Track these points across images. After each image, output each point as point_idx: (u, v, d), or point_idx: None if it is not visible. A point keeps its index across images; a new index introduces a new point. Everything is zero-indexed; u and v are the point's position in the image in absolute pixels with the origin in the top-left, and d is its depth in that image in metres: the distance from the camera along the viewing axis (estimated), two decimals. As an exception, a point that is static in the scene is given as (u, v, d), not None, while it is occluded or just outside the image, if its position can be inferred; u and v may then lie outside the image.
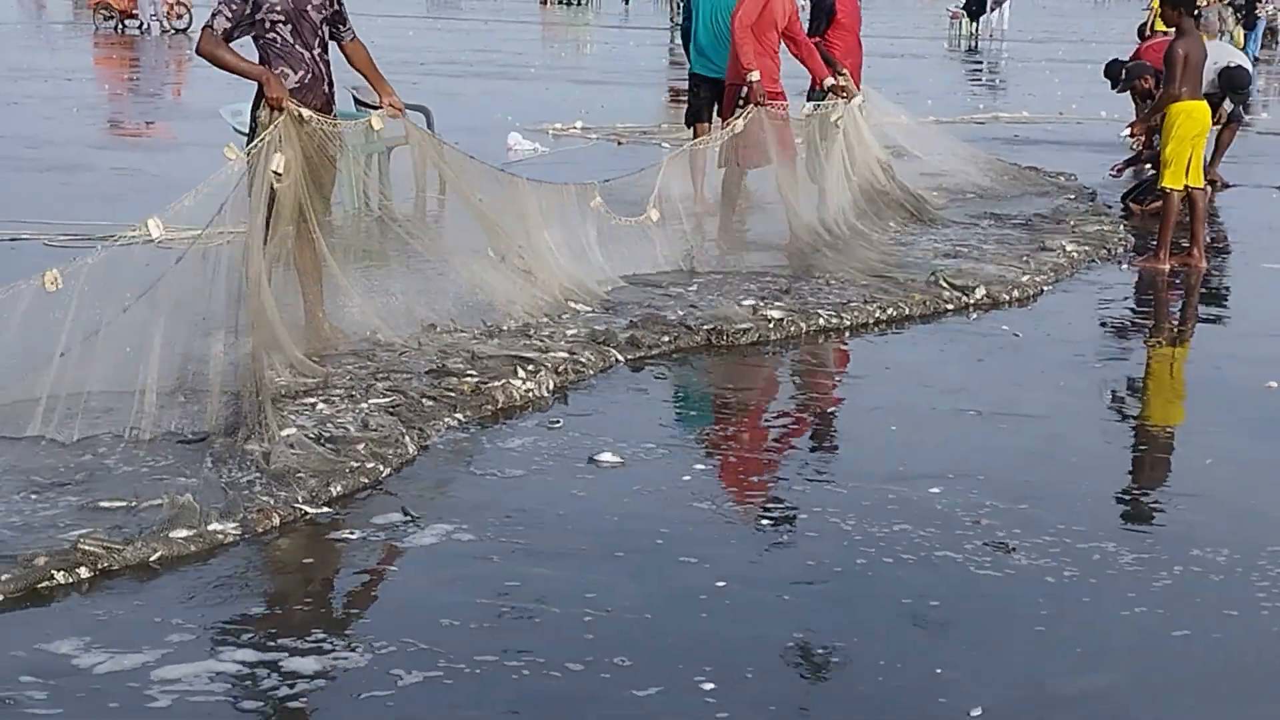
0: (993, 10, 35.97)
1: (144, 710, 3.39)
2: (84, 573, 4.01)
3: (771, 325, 6.94)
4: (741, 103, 8.57)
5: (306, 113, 5.82)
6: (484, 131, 12.85)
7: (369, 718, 3.41)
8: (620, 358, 6.38)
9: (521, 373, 5.91)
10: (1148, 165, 10.25)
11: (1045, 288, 8.12)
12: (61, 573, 3.98)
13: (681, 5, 10.77)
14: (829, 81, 8.78)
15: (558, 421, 5.58)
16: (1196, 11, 9.86)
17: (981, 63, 28.87)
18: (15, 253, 8.19)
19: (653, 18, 47.46)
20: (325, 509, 4.61)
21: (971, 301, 7.66)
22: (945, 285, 7.65)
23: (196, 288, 5.55)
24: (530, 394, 5.80)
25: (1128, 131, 9.86)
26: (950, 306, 7.57)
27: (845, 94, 8.94)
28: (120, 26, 29.46)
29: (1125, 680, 3.69)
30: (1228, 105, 11.45)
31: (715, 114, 9.52)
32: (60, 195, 10.15)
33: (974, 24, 36.06)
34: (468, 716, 3.42)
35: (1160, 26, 23.85)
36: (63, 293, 5.06)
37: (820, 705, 3.51)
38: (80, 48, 26.68)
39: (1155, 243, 8.85)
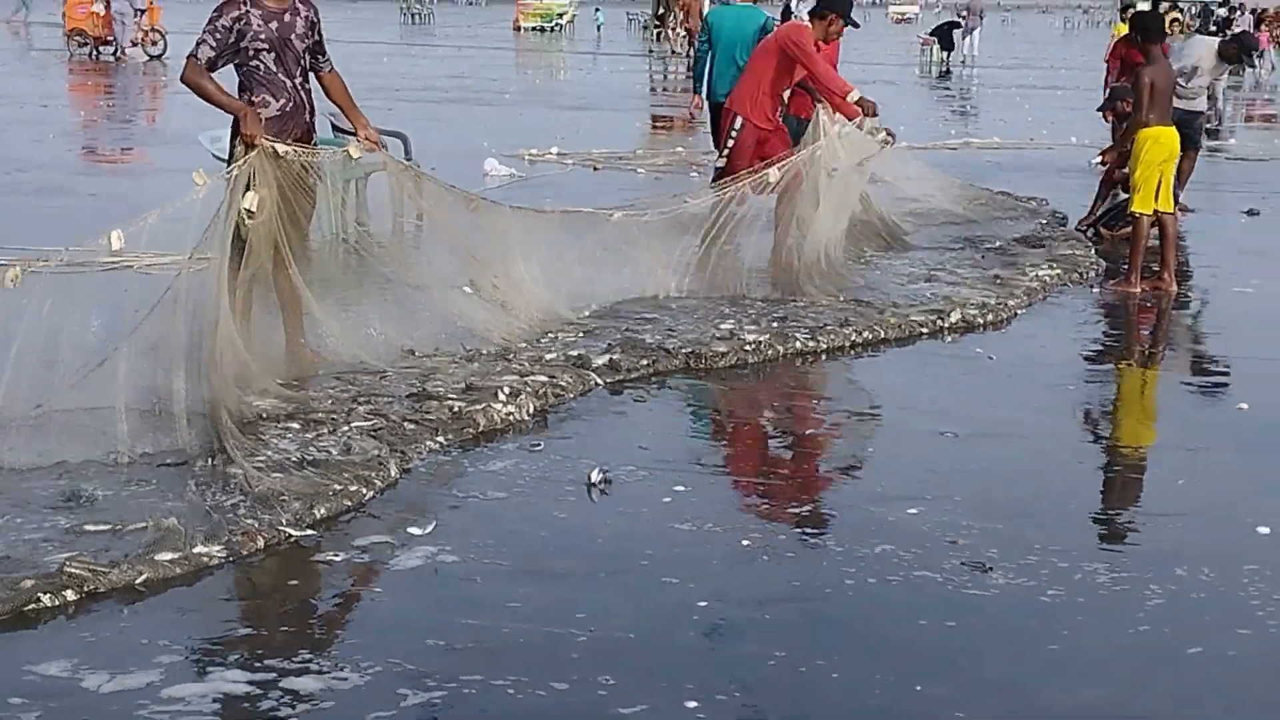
0: (964, 37, 36.23)
1: (136, 731, 3.41)
2: (71, 595, 4.01)
3: (749, 348, 6.98)
4: (735, 133, 8.60)
5: (282, 148, 5.83)
6: (461, 157, 12.88)
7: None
8: (599, 381, 6.40)
9: (502, 396, 5.93)
10: (1119, 189, 10.33)
11: (1018, 311, 8.16)
12: (48, 595, 3.98)
13: (703, 34, 10.88)
14: (855, 93, 8.60)
15: (538, 444, 5.61)
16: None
17: (953, 89, 29.05)
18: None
19: (625, 44, 47.63)
20: (310, 531, 4.61)
21: (946, 325, 7.72)
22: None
23: (167, 318, 5.54)
24: (511, 417, 5.82)
25: (1099, 158, 9.96)
26: (925, 330, 7.63)
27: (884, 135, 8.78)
28: (95, 53, 29.37)
29: (1107, 695, 3.73)
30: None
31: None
32: (38, 220, 10.12)
33: (944, 51, 36.29)
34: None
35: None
36: (23, 301, 5.06)
37: (798, 718, 3.55)
38: (55, 74, 26.60)
39: (1126, 267, 8.93)
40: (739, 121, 8.59)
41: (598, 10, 57.73)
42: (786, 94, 8.98)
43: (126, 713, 3.47)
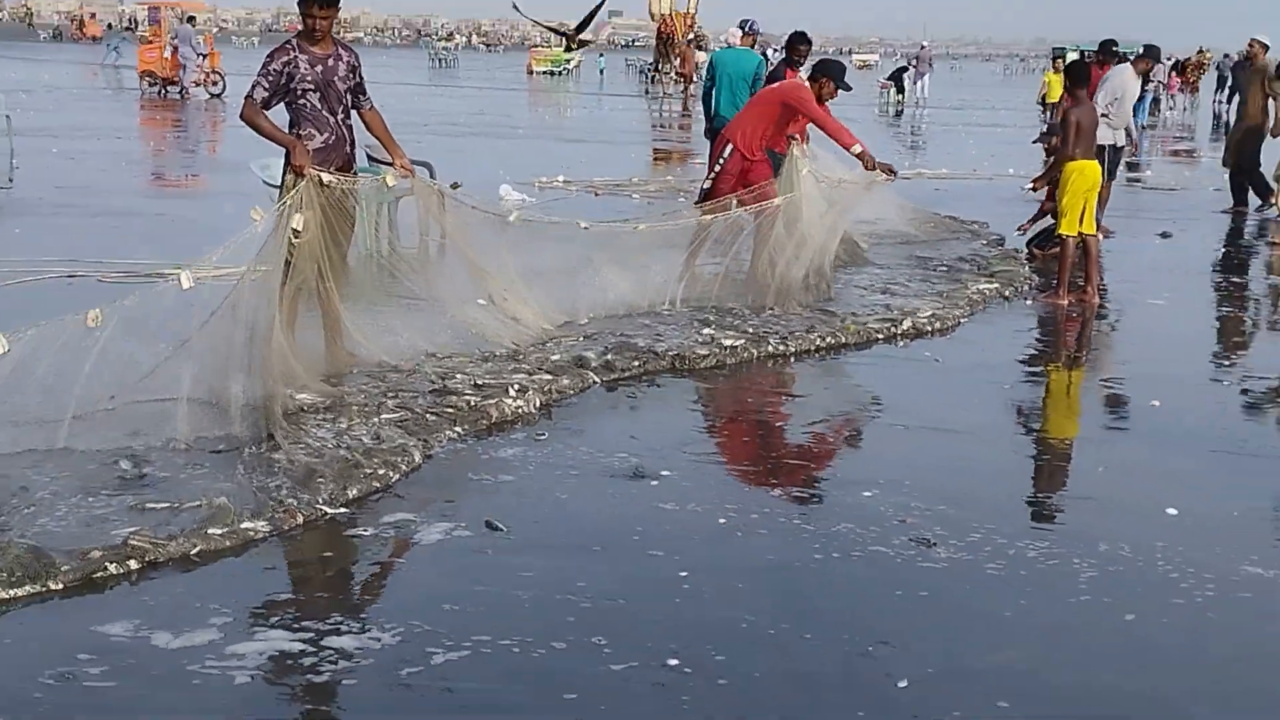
0: (915, 81, 36.30)
1: (189, 684, 3.38)
2: (134, 565, 4.01)
3: (727, 351, 6.97)
4: (723, 159, 8.59)
5: (326, 176, 5.82)
6: (479, 183, 12.84)
7: (412, 688, 3.41)
8: (596, 379, 6.38)
9: (512, 392, 5.91)
10: (1049, 215, 10.32)
11: (962, 320, 8.16)
12: (114, 564, 3.98)
13: (708, 74, 11.10)
14: (858, 149, 8.57)
15: (543, 434, 5.59)
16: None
17: (906, 126, 29.04)
18: (72, 286, 8.16)
19: (624, 85, 47.62)
20: (343, 509, 4.60)
21: (899, 332, 7.71)
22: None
23: (228, 328, 5.51)
24: (520, 410, 5.80)
25: (1030, 185, 9.96)
26: (880, 336, 7.62)
27: (881, 168, 8.64)
28: (163, 91, 29.34)
29: (1032, 655, 3.72)
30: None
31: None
32: (111, 237, 10.10)
33: (900, 93, 36.34)
34: (468, 687, 3.42)
35: (1053, 97, 24.03)
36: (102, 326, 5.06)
37: (770, 677, 3.53)
38: (126, 110, 26.57)
39: (1055, 281, 8.94)
40: (729, 149, 8.60)
41: (601, 56, 57.79)
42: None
43: (184, 666, 3.45)
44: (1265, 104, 13.18)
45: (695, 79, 36.55)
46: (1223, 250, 11.88)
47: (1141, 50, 13.22)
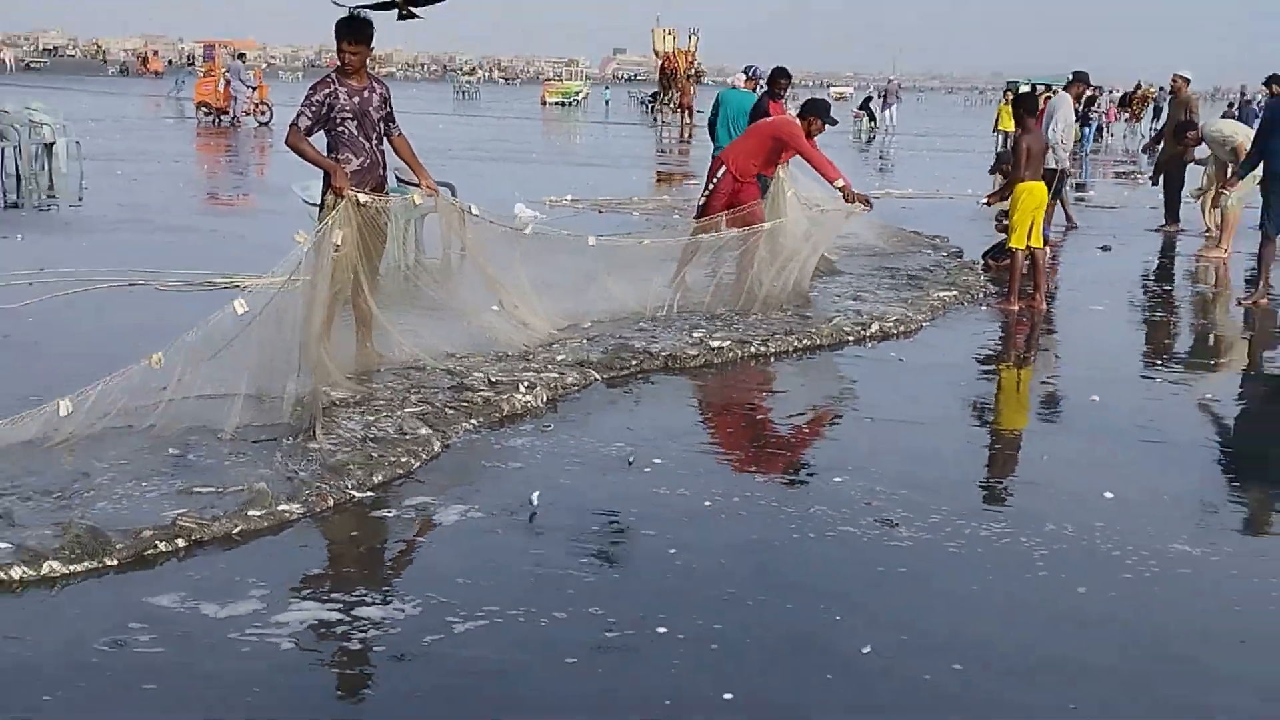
0: (884, 110, 36.28)
1: (231, 649, 3.37)
2: (181, 543, 4.00)
3: (714, 352, 6.94)
4: (716, 179, 8.57)
5: (363, 197, 5.79)
6: (496, 202, 12.79)
7: (433, 655, 3.40)
8: (598, 377, 6.36)
9: (522, 388, 5.89)
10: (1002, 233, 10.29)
11: (924, 324, 8.13)
12: (163, 542, 3.97)
13: (713, 107, 11.33)
14: (840, 182, 8.56)
15: (549, 426, 5.57)
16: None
17: (876, 151, 28.98)
18: (132, 294, 8.16)
19: (627, 115, 47.57)
20: (369, 493, 4.59)
21: (868, 334, 7.68)
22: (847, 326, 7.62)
23: (274, 333, 5.48)
24: (529, 404, 5.78)
25: (985, 200, 9.95)
26: (851, 338, 7.59)
27: (858, 199, 8.49)
28: (217, 120, 29.31)
29: (984, 625, 3.71)
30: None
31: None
32: (169, 250, 10.09)
33: (871, 121, 36.28)
34: (481, 654, 3.40)
35: (1004, 125, 23.97)
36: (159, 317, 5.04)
37: (749, 643, 3.52)
38: (184, 137, 26.54)
39: (1006, 289, 8.92)
40: (722, 170, 8.59)
41: (606, 89, 57.73)
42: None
43: (226, 634, 3.44)
44: (1184, 133, 13.17)
45: (693, 109, 36.59)
46: (1156, 262, 11.85)
47: (1071, 76, 13.20)
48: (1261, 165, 9.53)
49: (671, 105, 40.40)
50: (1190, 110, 13.29)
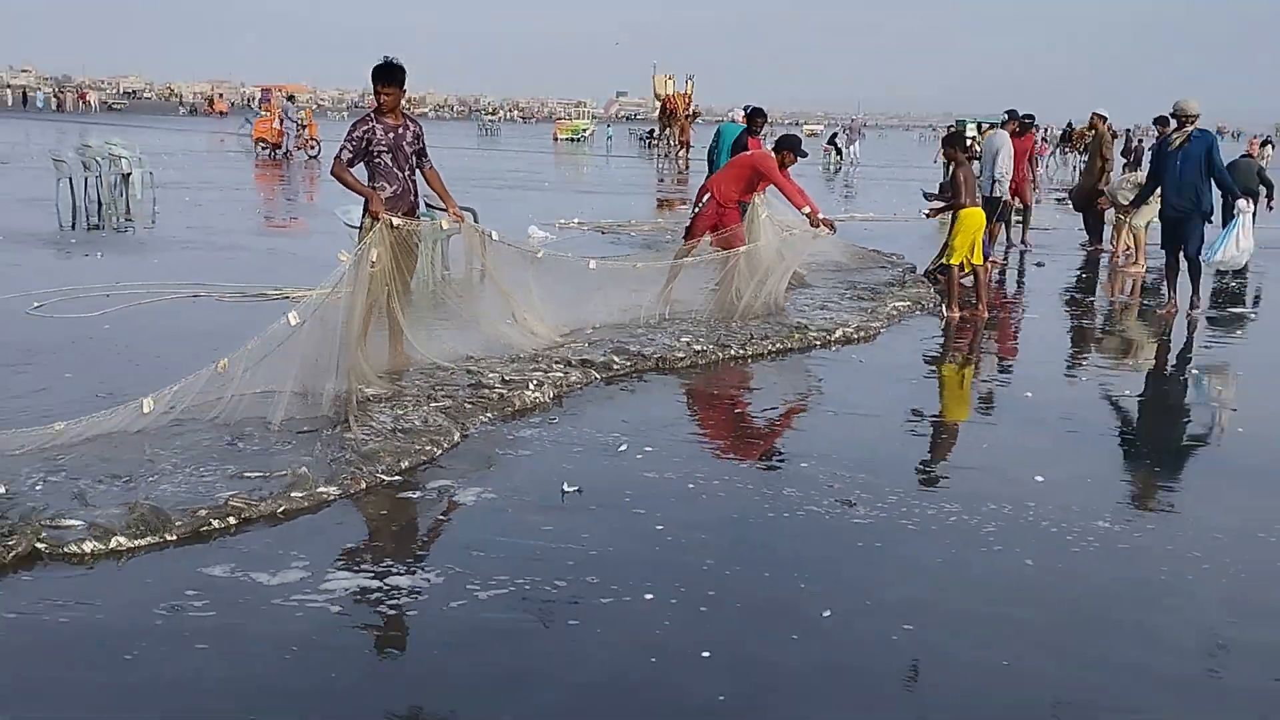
0: (848, 146, 36.26)
1: (276, 614, 3.35)
2: (232, 520, 3.98)
3: (699, 354, 6.91)
4: (702, 203, 8.54)
5: (397, 220, 5.77)
6: (512, 224, 12.79)
7: (455, 618, 3.38)
8: (598, 375, 6.33)
9: (531, 386, 5.87)
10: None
11: (881, 330, 8.11)
12: (216, 520, 3.95)
13: (714, 138, 11.41)
14: (806, 210, 8.51)
15: (555, 419, 5.54)
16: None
17: (841, 180, 28.94)
18: (195, 304, 8.12)
19: (628, 149, 47.49)
20: (397, 477, 4.56)
21: (832, 339, 7.65)
22: (813, 330, 7.60)
23: (318, 338, 5.46)
24: (537, 400, 5.75)
25: (928, 212, 9.95)
26: (818, 343, 7.56)
27: (822, 223, 8.48)
28: (271, 153, 29.25)
29: (930, 590, 3.68)
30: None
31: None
32: (228, 266, 10.06)
33: (838, 154, 36.22)
34: (494, 616, 3.38)
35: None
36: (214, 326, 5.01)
37: (725, 607, 3.49)
38: (243, 168, 26.48)
39: (948, 300, 8.90)
40: (707, 196, 8.58)
41: (609, 127, 57.66)
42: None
43: (271, 600, 3.41)
44: (1102, 164, 13.17)
45: (689, 144, 36.52)
46: (1081, 276, 11.82)
47: (1005, 116, 13.16)
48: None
49: (670, 140, 40.34)
50: (1105, 144, 13.27)
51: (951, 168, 8.87)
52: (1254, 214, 8.94)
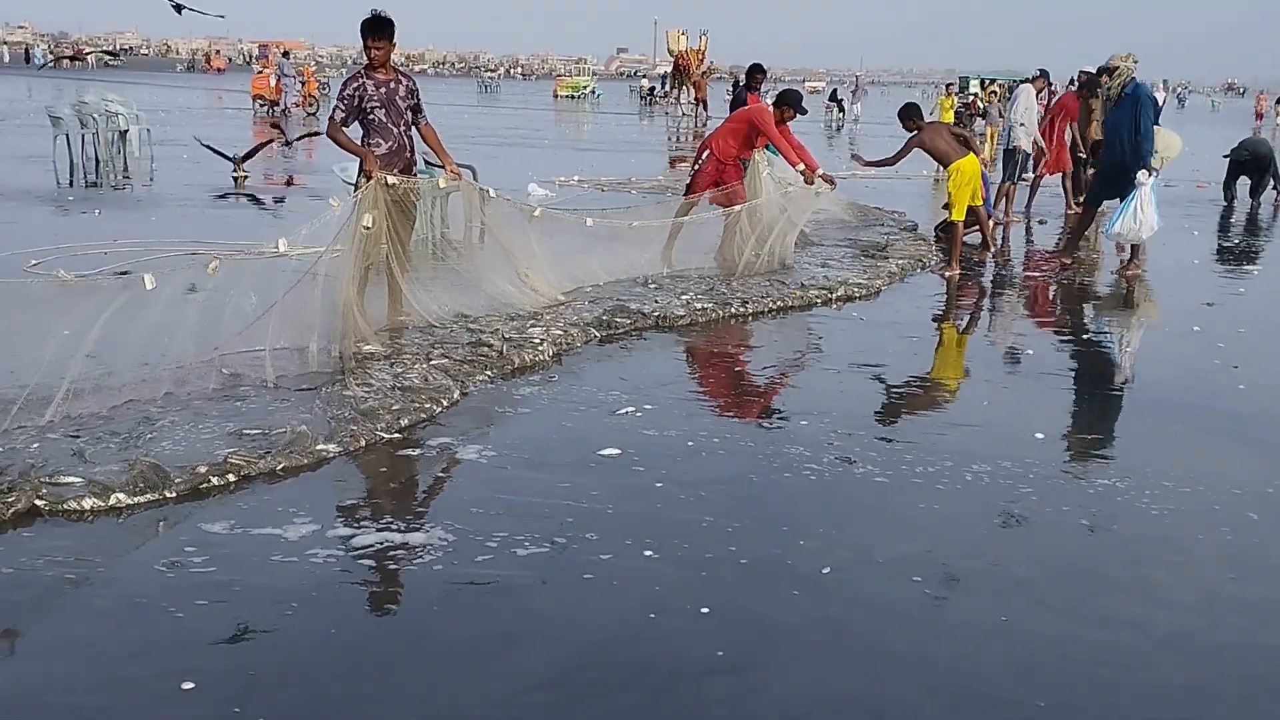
0: (852, 104, 35.94)
1: (274, 569, 3.34)
2: (232, 478, 3.96)
3: (699, 312, 6.88)
4: (702, 161, 8.46)
5: (392, 179, 5.72)
6: (512, 182, 12.70)
7: (454, 572, 3.37)
8: (597, 334, 6.30)
9: (531, 344, 5.84)
10: (944, 207, 10.14)
11: (882, 288, 8.07)
12: (216, 477, 3.93)
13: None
14: (800, 166, 8.43)
15: (554, 377, 5.52)
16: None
17: (844, 137, 28.69)
18: (195, 259, 8.05)
19: (628, 107, 47.05)
20: (397, 435, 4.54)
21: (834, 297, 7.61)
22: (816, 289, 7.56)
23: (309, 295, 5.43)
24: (537, 358, 5.73)
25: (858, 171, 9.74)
26: (819, 300, 7.52)
27: (821, 178, 8.48)
28: (270, 110, 28.99)
29: (929, 547, 3.67)
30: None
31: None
32: (225, 222, 9.99)
33: (841, 111, 35.89)
34: (495, 572, 3.37)
35: (945, 117, 23.56)
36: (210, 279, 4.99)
37: (725, 563, 3.49)
38: (243, 125, 26.24)
39: (948, 257, 8.84)
40: (707, 153, 8.51)
41: (597, 80, 57.16)
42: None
43: (269, 556, 3.40)
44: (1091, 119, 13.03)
45: (707, 102, 36.03)
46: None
47: (1037, 73, 13.05)
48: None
49: (681, 98, 39.78)
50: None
51: (915, 135, 8.66)
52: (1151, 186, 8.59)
